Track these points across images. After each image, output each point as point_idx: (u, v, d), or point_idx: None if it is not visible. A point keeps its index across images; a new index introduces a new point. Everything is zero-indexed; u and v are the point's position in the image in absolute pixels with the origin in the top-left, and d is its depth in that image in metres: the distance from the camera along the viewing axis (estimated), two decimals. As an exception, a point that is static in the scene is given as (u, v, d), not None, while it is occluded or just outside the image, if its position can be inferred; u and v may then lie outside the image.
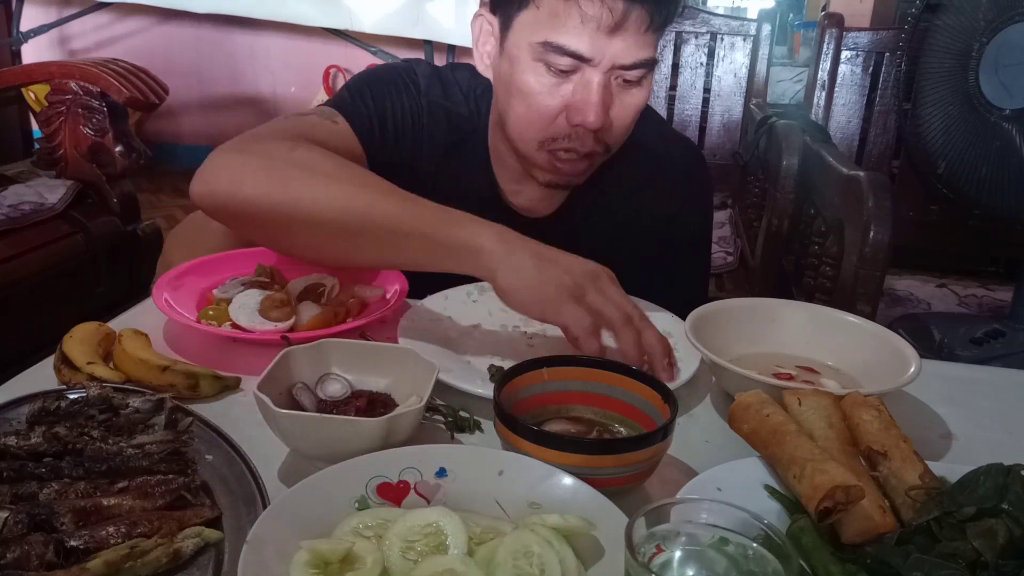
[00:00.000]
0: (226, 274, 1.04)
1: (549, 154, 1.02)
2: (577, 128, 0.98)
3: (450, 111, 1.14)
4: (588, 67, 0.95)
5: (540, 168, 1.04)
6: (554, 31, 0.93)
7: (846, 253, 1.42)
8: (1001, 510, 0.58)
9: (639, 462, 0.66)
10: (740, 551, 0.52)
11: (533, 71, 0.97)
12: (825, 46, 2.31)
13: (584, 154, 1.01)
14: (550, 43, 0.94)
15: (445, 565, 0.55)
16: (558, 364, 0.77)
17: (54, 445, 0.65)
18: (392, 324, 0.96)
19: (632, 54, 0.94)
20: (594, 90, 0.95)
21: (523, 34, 0.97)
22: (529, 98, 0.98)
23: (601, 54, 0.93)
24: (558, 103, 0.97)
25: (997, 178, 1.80)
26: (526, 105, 0.99)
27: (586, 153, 1.01)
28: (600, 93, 0.95)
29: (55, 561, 0.55)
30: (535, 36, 0.95)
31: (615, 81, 0.97)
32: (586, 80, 0.95)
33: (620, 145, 1.05)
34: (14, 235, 1.89)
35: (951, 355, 1.82)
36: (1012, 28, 1.75)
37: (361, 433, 0.67)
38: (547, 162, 1.03)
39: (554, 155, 1.01)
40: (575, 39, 0.93)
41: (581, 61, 0.94)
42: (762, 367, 0.89)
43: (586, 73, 0.95)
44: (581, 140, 0.99)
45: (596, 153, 1.02)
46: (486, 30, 1.04)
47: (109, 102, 2.07)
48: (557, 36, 0.93)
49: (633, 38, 0.93)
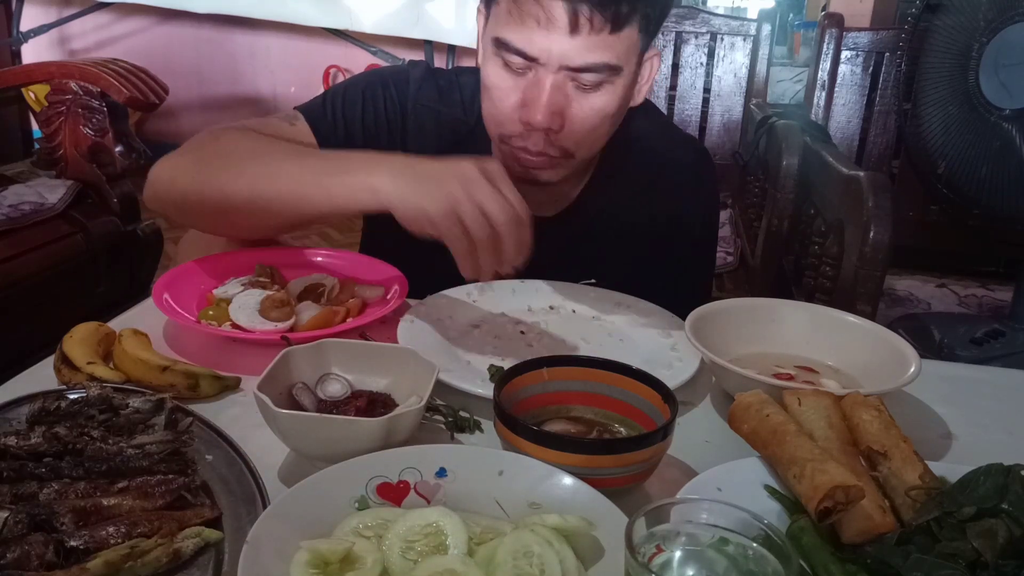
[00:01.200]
0: (226, 274, 1.04)
1: (510, 148, 1.02)
2: (527, 126, 0.98)
3: (440, 114, 1.15)
4: (539, 66, 0.95)
5: (506, 160, 1.04)
6: (505, 28, 0.95)
7: (846, 253, 1.42)
8: (1001, 510, 0.58)
9: (639, 462, 0.66)
10: (740, 551, 0.52)
11: (493, 66, 0.98)
12: (825, 46, 2.31)
13: (536, 152, 1.00)
14: (500, 40, 0.95)
15: (445, 565, 0.55)
16: (558, 364, 0.77)
17: (54, 445, 0.65)
18: (392, 324, 0.96)
19: (582, 56, 0.93)
20: (544, 90, 0.95)
21: (489, 29, 0.99)
22: (491, 92, 1.00)
23: (547, 54, 0.93)
24: (514, 100, 0.98)
25: (997, 178, 1.80)
26: (489, 99, 1.01)
27: (538, 152, 1.00)
28: (549, 93, 0.95)
29: (55, 561, 0.55)
30: (493, 31, 0.97)
31: (570, 83, 0.96)
32: (537, 79, 0.96)
33: (593, 149, 1.05)
34: (14, 235, 1.89)
35: (951, 355, 1.81)
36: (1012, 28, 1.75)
37: (361, 433, 0.67)
38: (507, 156, 1.03)
39: (512, 152, 1.02)
40: (521, 37, 0.93)
41: (528, 60, 0.95)
42: (762, 367, 0.89)
43: (538, 72, 0.95)
44: (533, 139, 0.99)
45: (551, 156, 1.01)
46: (480, 24, 1.06)
47: (109, 102, 2.07)
48: (506, 33, 0.95)
49: (585, 40, 0.92)
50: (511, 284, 1.07)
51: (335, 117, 1.12)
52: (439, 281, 1.05)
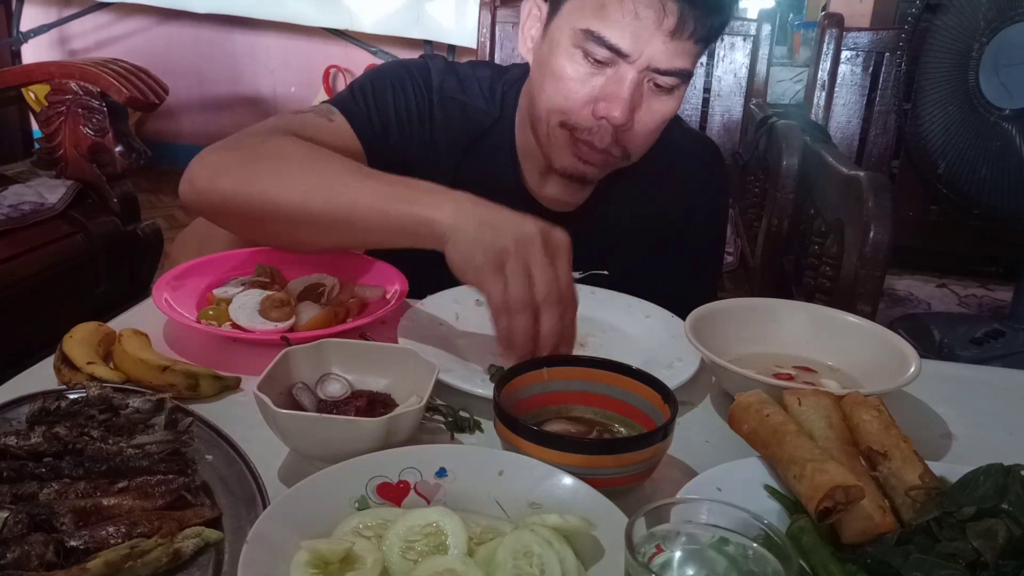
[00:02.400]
0: (226, 274, 1.04)
1: (570, 137, 1.02)
2: (601, 121, 0.98)
3: (467, 105, 1.14)
4: (624, 63, 0.95)
5: (559, 151, 1.04)
6: (599, 20, 0.94)
7: (846, 253, 1.42)
8: (1001, 510, 0.58)
9: (639, 462, 0.66)
10: (740, 551, 0.52)
11: (570, 56, 0.97)
12: (825, 46, 2.31)
13: (601, 149, 1.01)
14: (592, 32, 0.94)
15: (445, 565, 0.55)
16: (558, 364, 0.77)
17: (54, 445, 0.65)
18: (392, 324, 0.96)
19: (670, 59, 0.95)
20: (625, 86, 0.95)
21: (568, 19, 0.98)
22: (561, 82, 0.99)
23: (639, 52, 0.94)
24: (588, 92, 0.98)
25: (997, 178, 1.80)
26: (556, 88, 1.00)
27: (603, 149, 1.01)
28: (631, 90, 0.95)
29: (55, 561, 0.55)
30: (579, 22, 0.96)
31: (647, 83, 0.97)
32: (620, 75, 0.96)
33: (640, 154, 1.05)
34: (14, 235, 1.89)
35: (951, 355, 1.82)
36: (1012, 28, 1.75)
37: (361, 433, 0.67)
38: (563, 146, 1.03)
39: (574, 141, 1.02)
40: (617, 33, 0.93)
41: (618, 56, 0.95)
42: (762, 367, 0.89)
43: (621, 68, 0.96)
44: (601, 135, 1.00)
45: (612, 155, 1.02)
46: (534, 15, 1.06)
47: (109, 102, 2.07)
48: (601, 26, 0.94)
49: (675, 44, 0.94)
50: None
51: (369, 110, 1.11)
52: (439, 281, 1.05)
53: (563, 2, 0.99)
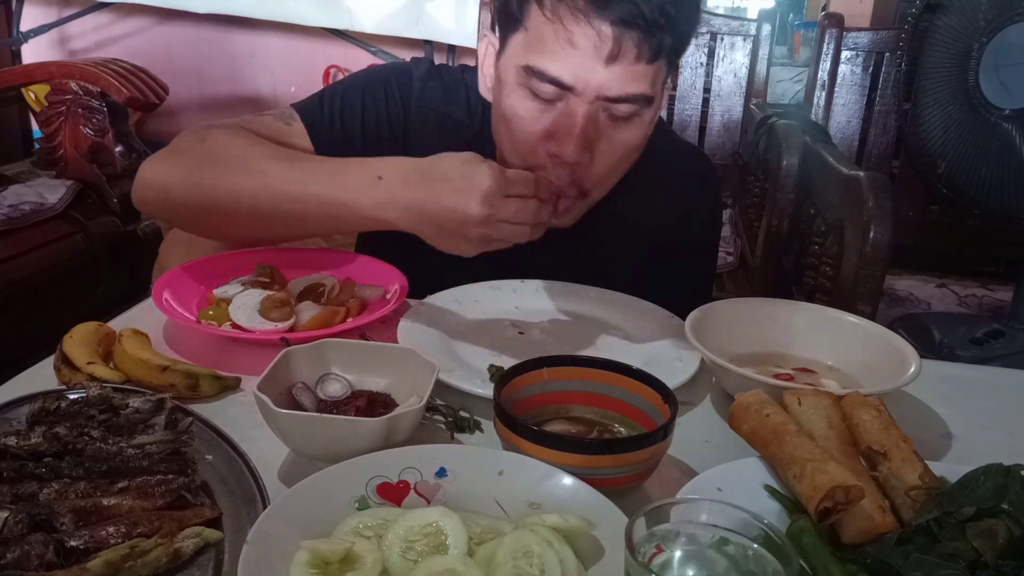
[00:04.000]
0: (226, 274, 1.04)
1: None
2: (555, 159, 0.93)
3: (442, 115, 1.11)
4: (572, 96, 0.90)
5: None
6: (537, 55, 0.89)
7: (846, 253, 1.42)
8: (1001, 510, 0.58)
9: (639, 462, 0.66)
10: (740, 551, 0.52)
11: (517, 96, 0.93)
12: (825, 46, 2.31)
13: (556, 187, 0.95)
14: (532, 68, 0.90)
15: (445, 565, 0.55)
16: (558, 364, 0.77)
17: (54, 445, 0.65)
18: (392, 324, 0.96)
19: (620, 86, 0.89)
20: (577, 120, 0.90)
21: (512, 57, 0.93)
22: (512, 122, 0.95)
23: (585, 83, 0.88)
24: (540, 130, 0.93)
25: (997, 178, 1.80)
26: (509, 129, 0.96)
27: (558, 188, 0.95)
28: (583, 124, 0.90)
29: (55, 561, 0.55)
30: (521, 59, 0.91)
31: (603, 114, 0.92)
32: (570, 109, 0.90)
33: (607, 189, 1.00)
34: (14, 235, 1.89)
35: (951, 355, 1.82)
36: (1012, 28, 1.75)
37: (361, 433, 0.67)
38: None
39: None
40: (558, 65, 0.88)
41: (564, 89, 0.90)
42: (762, 367, 0.89)
43: (570, 102, 0.90)
44: (558, 173, 0.94)
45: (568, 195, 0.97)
46: (490, 52, 1.01)
47: (109, 102, 2.07)
48: (540, 61, 0.89)
49: (623, 69, 0.88)
50: (512, 284, 1.07)
51: (332, 119, 1.09)
52: (439, 281, 1.05)
53: (509, 39, 0.94)
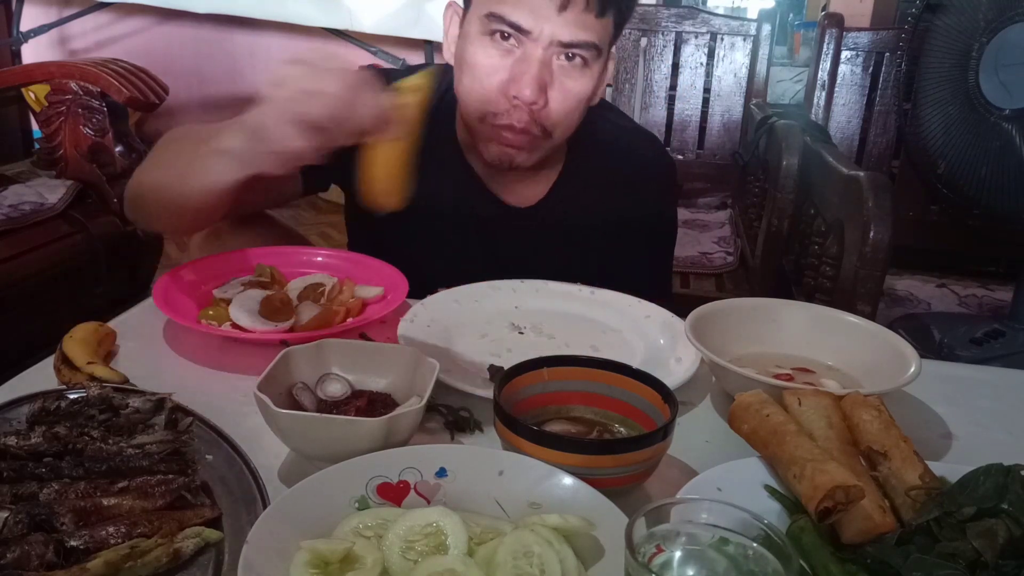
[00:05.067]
0: (226, 274, 1.04)
1: (491, 128, 1.05)
2: (515, 102, 1.02)
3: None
4: (528, 41, 1.00)
5: (484, 141, 1.08)
6: (499, 3, 0.99)
7: (846, 253, 1.42)
8: (1001, 510, 0.58)
9: (639, 462, 0.66)
10: (740, 551, 0.52)
11: (480, 45, 1.03)
12: (825, 46, 2.31)
13: (520, 129, 1.04)
14: (494, 14, 1.00)
15: (445, 565, 0.55)
16: (558, 364, 0.77)
17: (54, 445, 0.65)
18: (392, 324, 0.96)
19: (573, 32, 0.99)
20: (532, 64, 1.00)
21: (477, 9, 1.03)
22: (475, 70, 1.04)
23: (539, 28, 0.98)
24: (500, 77, 1.02)
25: (997, 178, 1.80)
26: (472, 78, 1.05)
27: (522, 128, 1.04)
28: (537, 68, 1.00)
29: (55, 561, 0.55)
30: (484, 8, 1.01)
31: (557, 60, 1.01)
32: (526, 55, 1.00)
33: (566, 132, 1.09)
34: (14, 235, 1.89)
35: (951, 355, 1.81)
36: (1012, 28, 1.75)
37: (361, 433, 0.67)
38: (488, 137, 1.07)
39: (495, 129, 1.05)
40: (517, 10, 0.98)
41: (521, 33, 0.99)
42: (762, 367, 0.89)
43: (527, 48, 1.00)
44: (517, 115, 1.03)
45: (534, 135, 1.05)
46: (455, 20, 1.10)
47: (109, 102, 2.07)
48: (501, 7, 0.99)
49: (574, 16, 0.98)
50: (511, 284, 1.08)
51: None
52: (439, 281, 1.05)
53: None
